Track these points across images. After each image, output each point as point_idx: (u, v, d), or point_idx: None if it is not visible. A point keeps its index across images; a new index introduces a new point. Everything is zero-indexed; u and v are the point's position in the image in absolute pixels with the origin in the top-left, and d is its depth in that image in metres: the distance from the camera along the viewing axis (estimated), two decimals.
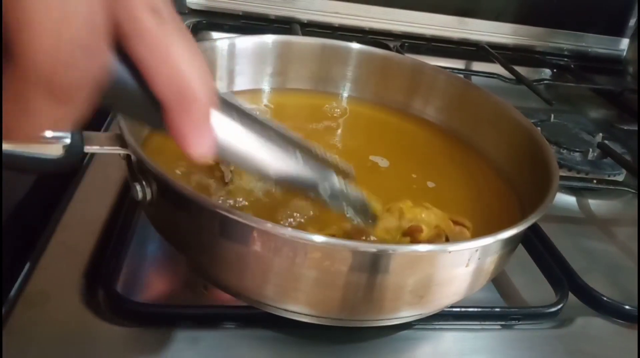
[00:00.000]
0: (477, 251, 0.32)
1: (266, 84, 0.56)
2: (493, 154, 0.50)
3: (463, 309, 0.40)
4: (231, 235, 0.31)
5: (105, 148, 0.35)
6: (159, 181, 0.33)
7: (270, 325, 0.36)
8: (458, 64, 0.92)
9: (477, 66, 0.92)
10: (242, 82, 0.54)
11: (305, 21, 0.91)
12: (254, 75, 0.55)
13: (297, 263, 0.30)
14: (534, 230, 0.49)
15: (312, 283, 0.31)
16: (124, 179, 0.46)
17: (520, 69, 0.84)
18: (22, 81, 0.17)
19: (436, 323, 0.39)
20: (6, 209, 0.38)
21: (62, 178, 0.46)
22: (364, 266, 0.30)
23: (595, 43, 1.01)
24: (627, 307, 0.43)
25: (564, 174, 0.61)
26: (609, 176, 0.62)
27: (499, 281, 0.45)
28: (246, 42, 0.54)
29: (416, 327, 0.38)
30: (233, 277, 0.33)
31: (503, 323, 0.41)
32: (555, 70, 0.97)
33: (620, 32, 1.01)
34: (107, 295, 0.36)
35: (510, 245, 0.36)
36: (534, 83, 0.82)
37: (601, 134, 0.68)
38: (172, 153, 0.40)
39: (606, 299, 0.43)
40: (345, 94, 0.58)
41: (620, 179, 0.63)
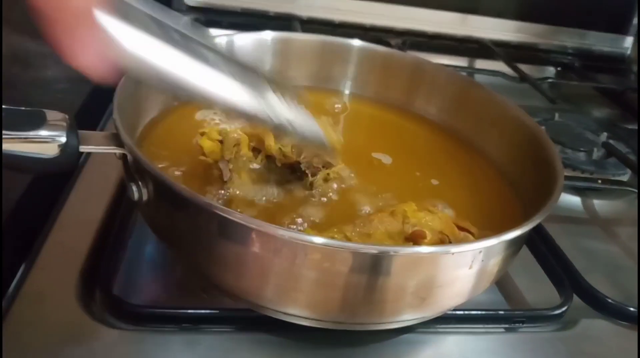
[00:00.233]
0: (481, 252, 0.32)
1: None
2: (495, 153, 0.49)
3: (466, 312, 0.39)
4: (230, 236, 0.30)
5: (101, 147, 0.34)
6: (156, 181, 0.33)
7: (269, 328, 0.36)
8: (460, 62, 0.91)
9: (480, 64, 0.91)
10: None
11: (305, 18, 0.91)
12: None
13: (297, 264, 0.30)
14: (538, 230, 0.48)
15: (312, 285, 0.31)
16: (121, 178, 0.45)
17: (523, 67, 0.84)
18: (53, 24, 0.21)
19: (439, 326, 0.39)
20: (3, 210, 0.38)
21: (58, 177, 0.46)
22: (365, 268, 0.30)
23: (599, 41, 1.00)
24: (631, 309, 0.43)
25: (568, 174, 0.61)
26: (614, 176, 0.62)
27: (502, 283, 0.45)
28: (245, 39, 0.53)
29: (418, 330, 0.38)
30: (231, 279, 0.33)
31: (507, 326, 0.40)
32: (559, 68, 0.97)
33: (624, 31, 1.00)
34: (104, 296, 0.36)
35: (514, 246, 0.35)
36: (538, 81, 0.82)
37: (605, 134, 0.67)
38: (171, 153, 0.40)
39: (610, 301, 0.43)
40: (346, 92, 0.57)
41: (624, 179, 0.62)
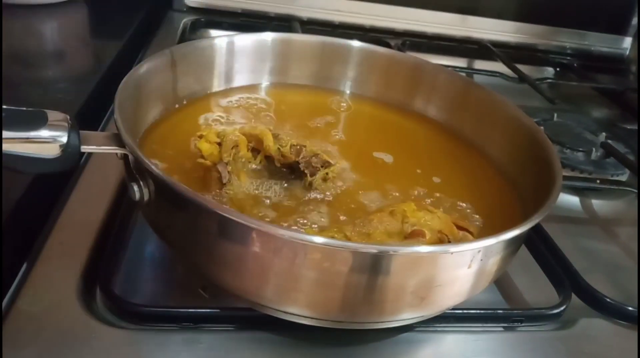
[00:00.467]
0: (480, 252, 0.32)
1: (266, 83, 0.55)
2: (495, 153, 0.50)
3: (465, 311, 0.39)
4: (230, 235, 0.31)
5: (102, 147, 0.34)
6: (157, 181, 0.33)
7: (269, 327, 0.36)
8: (460, 63, 0.91)
9: (479, 64, 0.92)
10: (241, 82, 0.54)
11: (305, 19, 0.91)
12: (253, 74, 0.54)
13: (297, 264, 0.30)
14: (537, 230, 0.48)
15: (312, 284, 0.31)
16: (122, 179, 0.45)
17: (522, 68, 0.84)
18: None
19: (438, 325, 0.39)
20: (3, 210, 0.38)
21: (59, 178, 0.46)
22: (364, 267, 0.30)
23: (598, 42, 1.01)
24: (630, 308, 0.43)
25: (567, 174, 0.61)
26: (613, 176, 0.62)
27: (501, 282, 0.45)
28: (245, 40, 0.53)
29: (417, 329, 0.38)
30: (232, 278, 0.33)
31: (506, 325, 0.40)
32: (558, 69, 0.97)
33: (623, 31, 1.00)
34: (105, 296, 0.36)
35: (513, 245, 0.36)
36: (537, 82, 0.82)
37: (604, 134, 0.67)
38: (173, 153, 0.40)
39: (609, 300, 0.43)
40: (346, 92, 0.57)
41: (623, 179, 0.62)
